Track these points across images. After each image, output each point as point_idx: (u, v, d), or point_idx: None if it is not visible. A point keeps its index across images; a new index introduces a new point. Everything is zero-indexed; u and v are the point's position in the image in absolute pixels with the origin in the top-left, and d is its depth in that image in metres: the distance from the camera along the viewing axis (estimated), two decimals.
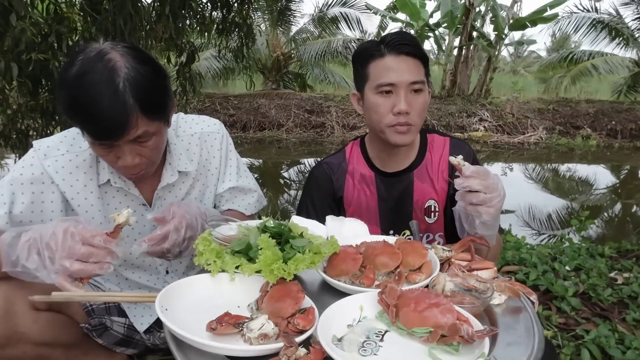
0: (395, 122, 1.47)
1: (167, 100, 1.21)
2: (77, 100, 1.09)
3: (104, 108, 1.08)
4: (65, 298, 1.02)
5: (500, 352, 0.87)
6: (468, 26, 12.68)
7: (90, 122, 1.11)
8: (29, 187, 1.28)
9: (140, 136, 1.15)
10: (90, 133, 1.13)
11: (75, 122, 1.15)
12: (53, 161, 1.30)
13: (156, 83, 1.17)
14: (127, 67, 1.11)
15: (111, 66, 1.10)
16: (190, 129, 1.51)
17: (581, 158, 10.07)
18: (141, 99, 1.11)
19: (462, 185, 1.18)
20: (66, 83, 1.10)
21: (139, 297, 1.34)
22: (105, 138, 1.13)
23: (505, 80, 18.84)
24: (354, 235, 1.31)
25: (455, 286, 1.04)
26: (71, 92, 1.09)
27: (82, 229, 1.04)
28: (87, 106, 1.08)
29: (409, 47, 1.46)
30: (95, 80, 1.08)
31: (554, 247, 3.25)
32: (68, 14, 3.17)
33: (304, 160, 9.47)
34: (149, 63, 1.17)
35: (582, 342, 1.97)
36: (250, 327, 0.89)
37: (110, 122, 1.09)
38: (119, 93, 1.08)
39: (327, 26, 14.40)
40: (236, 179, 1.59)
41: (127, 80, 1.10)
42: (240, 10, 4.69)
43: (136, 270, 1.51)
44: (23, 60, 2.77)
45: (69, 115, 1.13)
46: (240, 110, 12.12)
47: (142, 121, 1.13)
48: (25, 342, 1.24)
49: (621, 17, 13.36)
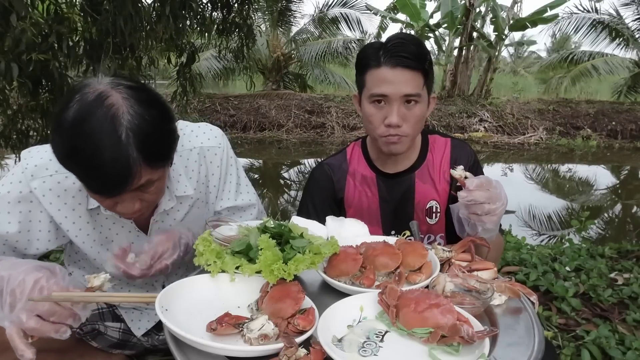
0: (387, 133, 1.46)
1: (173, 145, 1.12)
2: (76, 151, 0.99)
3: (105, 163, 0.98)
4: (65, 298, 1.02)
5: (501, 352, 0.87)
6: (468, 27, 12.68)
7: (90, 177, 1.02)
8: (16, 206, 1.21)
9: (142, 185, 1.07)
10: (88, 187, 1.06)
11: (73, 173, 1.06)
12: (40, 183, 1.22)
13: (162, 129, 1.07)
14: (131, 114, 0.99)
15: (112, 113, 0.98)
16: (190, 143, 1.41)
17: (581, 158, 10.07)
18: (145, 150, 1.01)
19: (467, 199, 1.19)
20: (62, 129, 0.99)
21: (139, 297, 1.33)
22: (105, 193, 1.06)
23: (506, 80, 18.84)
24: (354, 236, 1.31)
25: (455, 287, 1.04)
26: (69, 141, 0.99)
27: (54, 283, 0.97)
28: (87, 159, 0.99)
29: (406, 60, 1.40)
30: (95, 129, 0.97)
31: (554, 247, 3.25)
32: (68, 14, 3.17)
33: (304, 161, 9.47)
34: (155, 106, 1.06)
35: (583, 343, 1.97)
36: (250, 328, 0.89)
37: (112, 177, 1.00)
38: (121, 145, 0.98)
39: (327, 27, 14.42)
40: (234, 198, 1.52)
41: (131, 129, 0.99)
42: (241, 10, 4.70)
43: (132, 289, 1.48)
44: (23, 61, 2.78)
45: (66, 165, 1.04)
46: (240, 111, 12.13)
47: (145, 171, 1.04)
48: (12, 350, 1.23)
49: (621, 17, 13.36)
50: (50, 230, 1.27)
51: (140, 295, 1.38)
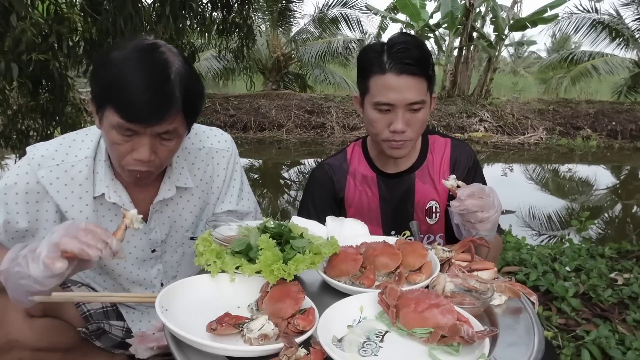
0: (391, 138, 1.47)
1: (200, 109, 1.22)
2: (125, 76, 1.07)
3: (152, 89, 1.07)
4: (65, 298, 1.02)
5: (501, 352, 0.87)
6: (468, 27, 12.68)
7: (133, 100, 1.06)
8: (23, 197, 1.24)
9: (168, 132, 1.14)
10: (126, 111, 1.08)
11: (113, 101, 1.09)
12: (47, 172, 1.25)
13: (199, 89, 1.19)
14: (179, 65, 1.12)
15: (165, 58, 1.11)
16: (200, 142, 1.46)
17: (581, 159, 10.07)
18: (186, 98, 1.12)
19: (459, 209, 1.20)
20: (113, 62, 1.08)
21: (139, 297, 1.34)
22: (140, 121, 1.09)
23: (506, 80, 18.83)
24: (354, 236, 1.31)
25: (455, 287, 1.04)
26: (119, 69, 1.07)
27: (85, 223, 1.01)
28: (135, 82, 1.06)
29: (412, 67, 1.39)
30: (147, 64, 1.08)
31: (554, 247, 3.25)
32: (68, 14, 3.17)
33: (304, 161, 9.47)
34: (194, 70, 1.19)
35: (583, 343, 1.97)
36: (250, 328, 0.89)
37: (154, 105, 1.07)
38: (170, 82, 1.09)
39: (327, 27, 14.41)
40: (236, 202, 1.54)
41: (179, 75, 1.11)
42: (241, 10, 4.70)
43: (132, 285, 1.49)
44: (23, 61, 2.78)
45: (110, 92, 1.09)
46: (240, 111, 12.12)
47: (178, 117, 1.13)
48: (19, 348, 1.23)
49: (621, 17, 13.36)
50: (56, 220, 1.30)
51: (140, 295, 1.39)
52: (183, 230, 1.47)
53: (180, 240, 1.49)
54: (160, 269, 1.49)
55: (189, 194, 1.44)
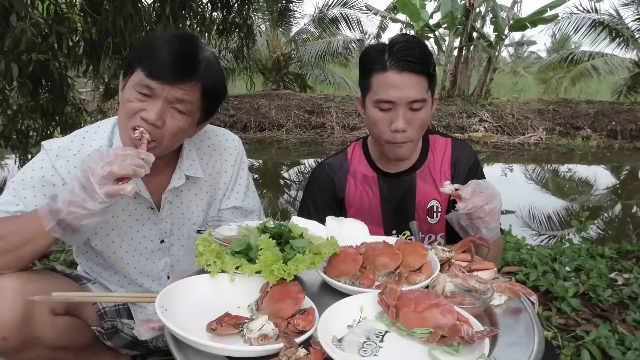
0: (393, 138, 1.47)
1: (219, 101, 1.34)
2: (158, 43, 1.21)
3: (179, 54, 1.20)
4: (65, 298, 1.02)
5: (501, 352, 0.87)
6: (468, 27, 12.68)
7: (159, 60, 1.18)
8: (40, 189, 1.28)
9: (182, 100, 1.22)
10: (151, 68, 1.18)
11: (142, 60, 1.20)
12: (65, 162, 1.31)
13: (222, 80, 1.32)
14: (209, 53, 1.28)
15: (199, 43, 1.27)
16: (209, 140, 1.54)
17: (581, 159, 10.07)
18: (208, 76, 1.25)
19: (468, 208, 1.22)
20: (152, 35, 1.23)
21: (139, 297, 1.34)
22: (161, 77, 1.18)
23: (506, 80, 18.83)
24: (353, 236, 1.31)
25: (455, 287, 1.04)
26: (155, 38, 1.24)
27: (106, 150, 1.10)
28: (165, 47, 1.20)
29: (413, 64, 1.40)
30: (181, 40, 1.24)
31: (554, 247, 3.24)
32: (68, 14, 3.18)
33: (304, 161, 9.47)
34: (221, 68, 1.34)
35: (583, 343, 1.97)
36: (250, 328, 0.89)
37: (176, 68, 1.18)
38: (197, 57, 1.23)
39: (327, 27, 14.41)
40: (242, 199, 1.60)
41: (206, 57, 1.26)
42: (241, 10, 4.70)
43: (139, 276, 1.52)
44: (23, 61, 2.78)
45: (141, 53, 1.22)
46: (240, 111, 12.12)
47: (195, 91, 1.23)
48: (40, 346, 1.24)
49: (621, 17, 13.36)
50: None
51: (141, 295, 1.39)
52: (190, 223, 1.52)
53: (187, 233, 1.53)
54: (168, 261, 1.53)
55: (197, 186, 1.50)
